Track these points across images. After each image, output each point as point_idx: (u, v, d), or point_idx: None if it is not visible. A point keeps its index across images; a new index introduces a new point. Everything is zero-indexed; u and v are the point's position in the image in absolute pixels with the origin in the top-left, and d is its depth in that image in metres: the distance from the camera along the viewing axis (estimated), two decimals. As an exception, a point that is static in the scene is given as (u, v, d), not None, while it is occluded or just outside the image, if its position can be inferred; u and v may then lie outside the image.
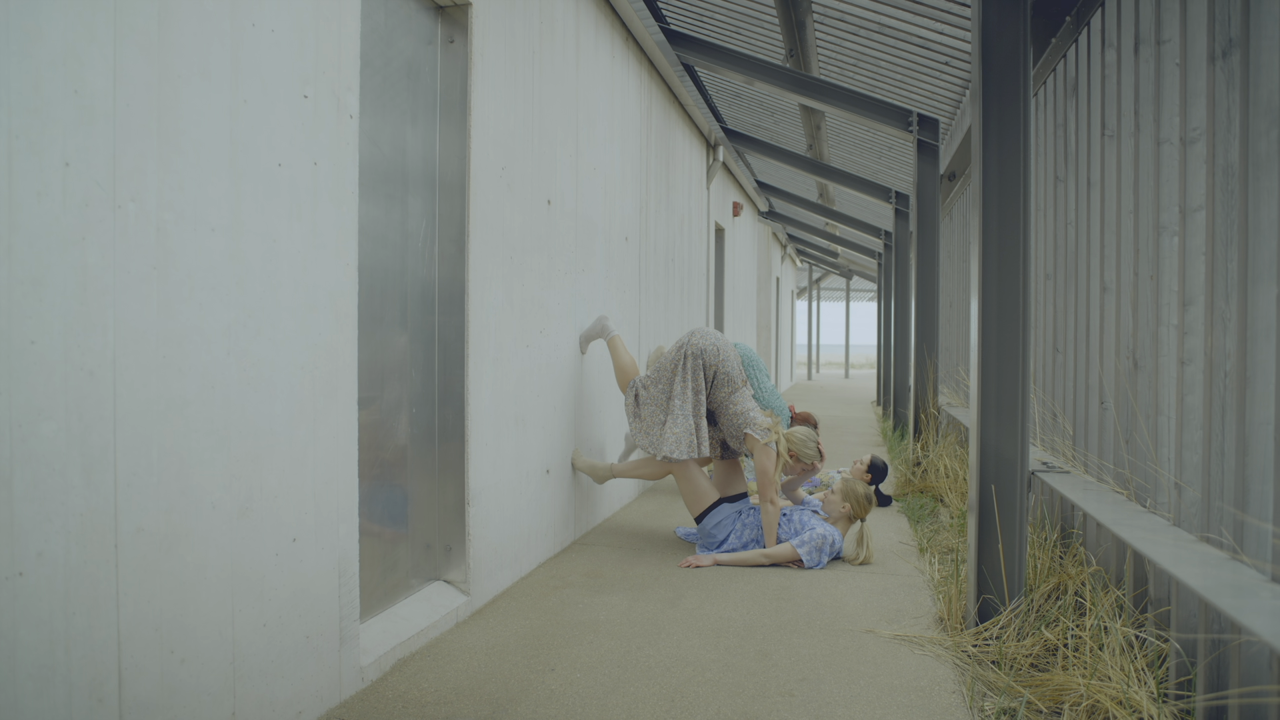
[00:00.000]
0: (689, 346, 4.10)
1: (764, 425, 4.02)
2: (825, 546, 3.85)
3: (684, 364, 4.08)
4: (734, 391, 4.12)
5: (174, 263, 1.78)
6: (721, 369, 4.10)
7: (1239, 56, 1.74)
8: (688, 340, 4.13)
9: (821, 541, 3.84)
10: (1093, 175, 2.77)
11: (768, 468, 3.94)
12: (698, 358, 4.08)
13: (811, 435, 4.24)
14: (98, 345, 1.61)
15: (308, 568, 2.22)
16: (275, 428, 2.09)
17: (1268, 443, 1.64)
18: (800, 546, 3.82)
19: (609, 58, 4.84)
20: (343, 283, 2.35)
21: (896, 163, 8.09)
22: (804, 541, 3.83)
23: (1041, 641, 2.64)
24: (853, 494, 4.01)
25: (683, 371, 4.08)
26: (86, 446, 1.59)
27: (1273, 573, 1.57)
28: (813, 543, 3.83)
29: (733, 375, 4.12)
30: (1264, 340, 1.66)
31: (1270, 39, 1.64)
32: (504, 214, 3.41)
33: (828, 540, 3.86)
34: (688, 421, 4.02)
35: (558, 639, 2.92)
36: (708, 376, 4.10)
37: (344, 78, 2.34)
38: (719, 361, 4.10)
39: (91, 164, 1.59)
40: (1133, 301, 2.38)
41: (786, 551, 3.84)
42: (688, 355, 4.09)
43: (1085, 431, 2.85)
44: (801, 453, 4.16)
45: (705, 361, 4.10)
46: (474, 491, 3.19)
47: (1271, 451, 1.60)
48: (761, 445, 3.98)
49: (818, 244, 16.02)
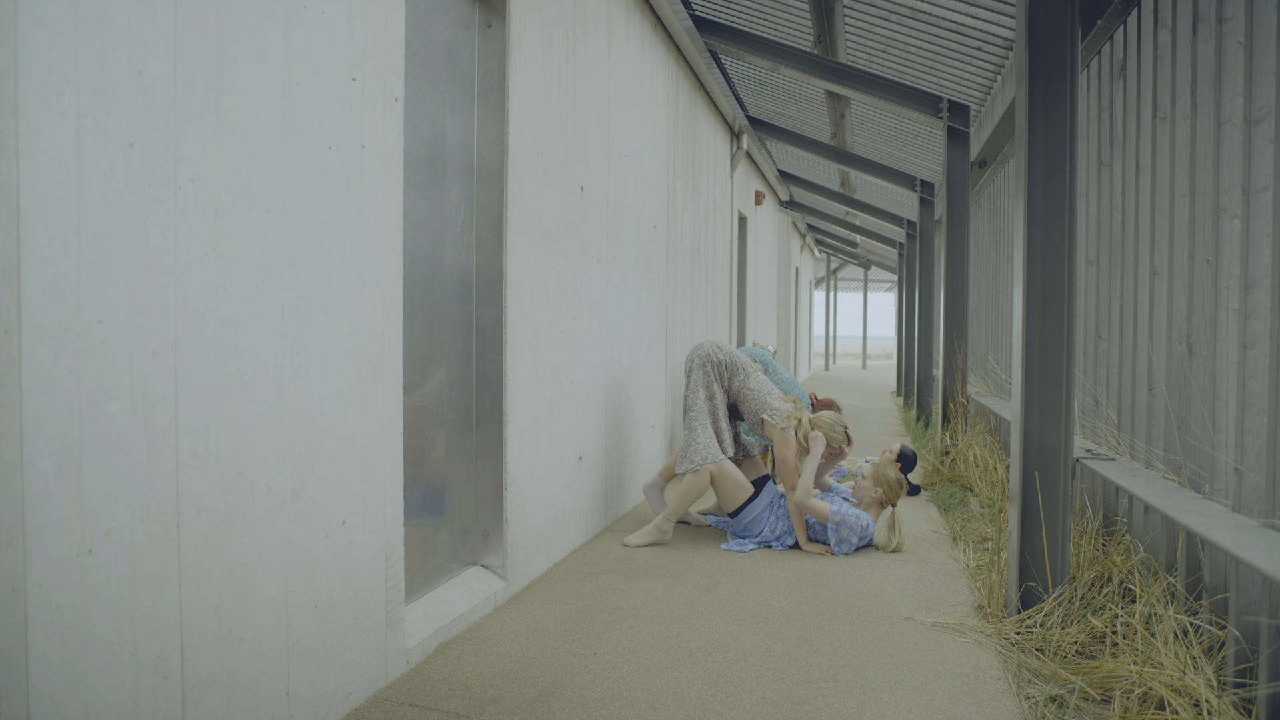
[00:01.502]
0: (694, 358, 4.17)
1: (783, 411, 4.01)
2: (857, 526, 3.83)
3: (692, 374, 4.11)
4: (748, 376, 4.16)
5: (230, 244, 1.78)
6: (727, 360, 4.16)
7: (1312, 31, 1.70)
8: (691, 355, 4.20)
9: (855, 520, 3.82)
10: (1142, 159, 2.73)
11: (787, 456, 3.93)
12: (704, 363, 4.13)
13: (838, 419, 4.24)
14: (160, 326, 1.61)
15: (356, 550, 2.23)
16: (326, 410, 2.09)
17: (1340, 426, 1.61)
18: (835, 513, 3.80)
19: (638, 44, 4.82)
20: (389, 267, 2.35)
21: (922, 151, 8.01)
22: (839, 510, 3.82)
23: (1087, 629, 2.61)
24: (884, 479, 3.99)
25: (691, 382, 4.10)
26: (150, 426, 1.60)
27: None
28: (847, 513, 3.81)
29: (740, 362, 4.18)
30: (1337, 322, 1.63)
31: (1347, 13, 1.60)
32: (540, 200, 3.40)
33: (861, 521, 3.84)
34: (707, 428, 4.03)
35: (597, 624, 2.93)
36: (720, 376, 4.12)
37: (390, 61, 2.34)
38: (723, 355, 4.17)
39: (154, 145, 1.59)
40: (1187, 286, 2.34)
41: (820, 508, 3.84)
42: (694, 366, 4.12)
43: (1131, 418, 2.82)
44: (830, 436, 4.16)
45: (711, 361, 4.12)
46: (511, 477, 3.20)
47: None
48: (780, 432, 3.96)
49: (837, 234, 15.92)
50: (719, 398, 4.12)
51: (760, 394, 4.09)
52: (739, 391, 4.13)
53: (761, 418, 4.04)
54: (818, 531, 3.95)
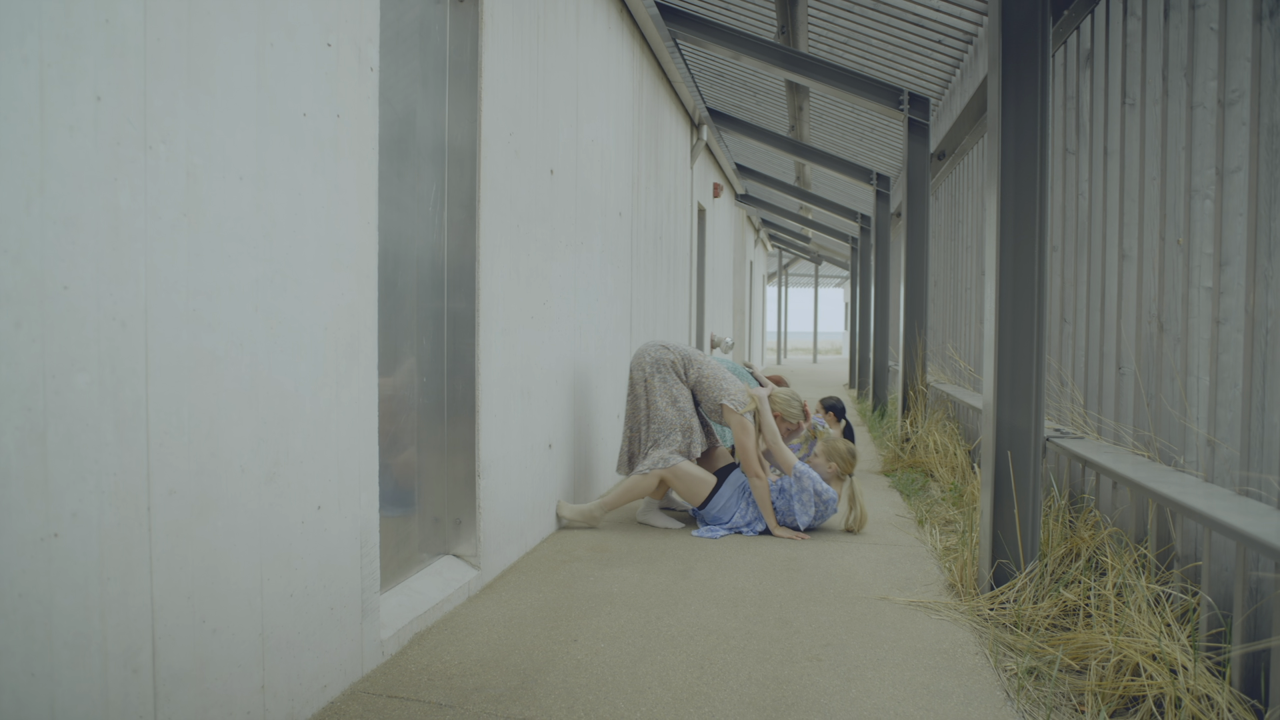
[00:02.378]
0: (645, 366, 4.12)
1: (741, 397, 4.02)
2: (822, 488, 3.89)
3: (649, 382, 4.08)
4: (702, 365, 4.16)
5: (203, 210, 1.68)
6: (679, 357, 4.15)
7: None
8: (640, 363, 4.15)
9: (818, 479, 3.89)
10: (1110, 145, 2.80)
11: (747, 444, 3.94)
12: (658, 367, 4.11)
13: (794, 395, 4.30)
14: (130, 294, 1.51)
15: (331, 537, 2.14)
16: (300, 390, 2.00)
17: (1316, 396, 1.67)
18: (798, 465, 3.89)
19: (605, 29, 4.76)
20: (364, 242, 2.26)
21: (878, 144, 8.14)
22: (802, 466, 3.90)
23: (1059, 603, 2.68)
24: (836, 452, 4.07)
25: (650, 390, 4.08)
26: (119, 401, 1.49)
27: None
28: (810, 469, 3.90)
29: (690, 354, 4.19)
30: (1313, 295, 1.69)
31: (1323, -5, 1.66)
32: (511, 182, 3.33)
33: (824, 493, 3.88)
34: (672, 436, 4.00)
35: (574, 611, 2.88)
36: (679, 374, 4.11)
37: (365, 29, 2.24)
38: (673, 354, 4.15)
39: (123, 100, 1.48)
40: (1158, 267, 2.41)
41: (788, 458, 3.92)
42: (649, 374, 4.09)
43: (1099, 397, 2.89)
44: (786, 413, 4.22)
45: (664, 363, 4.11)
46: (484, 464, 3.12)
47: (1322, 404, 1.63)
48: (739, 418, 3.97)
49: (790, 229, 16.10)
50: (682, 398, 4.09)
51: (716, 380, 4.10)
52: (696, 382, 4.12)
53: (720, 403, 4.04)
54: (784, 514, 3.97)
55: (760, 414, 4.05)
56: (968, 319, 5.22)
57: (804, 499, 3.89)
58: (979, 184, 4.91)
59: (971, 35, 4.96)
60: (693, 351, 4.23)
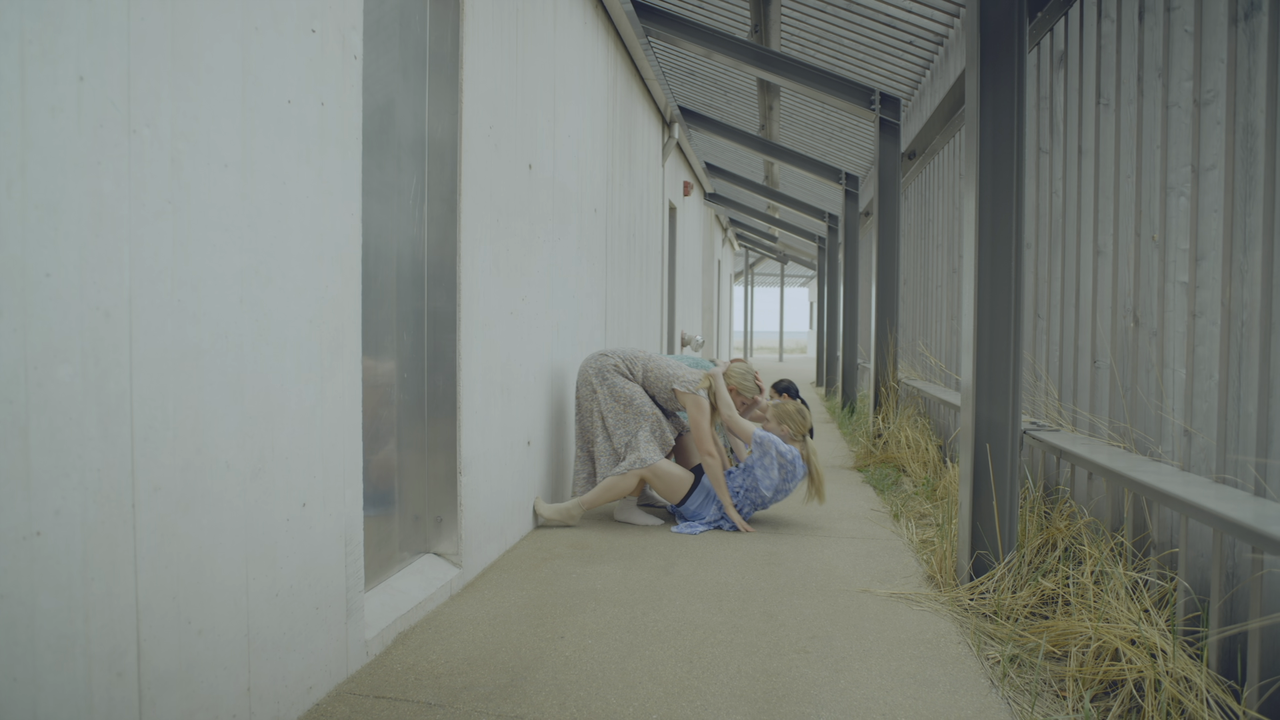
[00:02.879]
0: (590, 381, 4.10)
1: (691, 378, 4.05)
2: (785, 449, 3.93)
3: (597, 393, 4.07)
4: (648, 360, 4.18)
5: (188, 198, 1.63)
6: (623, 360, 4.15)
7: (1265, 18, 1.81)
8: (586, 379, 4.13)
9: (779, 443, 3.93)
10: (1085, 144, 2.86)
11: (700, 421, 3.96)
12: (603, 376, 4.08)
13: (749, 369, 4.33)
14: (114, 283, 1.45)
15: (317, 534, 2.09)
16: (286, 384, 1.95)
17: (1292, 385, 1.72)
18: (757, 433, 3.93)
19: (581, 23, 4.74)
20: (349, 234, 2.21)
21: (848, 144, 8.23)
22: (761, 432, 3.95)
23: (1038, 592, 2.73)
24: (786, 414, 4.13)
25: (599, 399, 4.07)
26: (103, 394, 1.44)
27: (1300, 507, 1.66)
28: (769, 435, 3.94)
29: (633, 354, 4.20)
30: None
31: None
32: (491, 176, 3.29)
33: (787, 454, 3.93)
34: (640, 435, 4.00)
35: (559, 608, 2.86)
36: (629, 374, 4.11)
37: (349, 16, 2.19)
38: (616, 358, 4.15)
39: (106, 81, 1.43)
40: (1133, 262, 2.47)
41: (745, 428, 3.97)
42: (595, 386, 4.08)
43: (1074, 390, 2.96)
44: (742, 386, 4.25)
45: (609, 370, 4.10)
46: (465, 460, 3.08)
47: (1298, 393, 1.69)
48: (692, 397, 3.99)
49: (757, 228, 16.22)
50: (638, 396, 4.07)
51: (663, 369, 4.11)
52: (644, 377, 4.13)
53: (671, 389, 4.06)
54: (749, 491, 3.99)
55: (715, 390, 4.09)
56: (939, 316, 5.31)
57: (766, 462, 3.92)
58: (950, 183, 5.00)
59: (942, 37, 5.05)
60: (632, 350, 4.24)
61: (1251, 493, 1.86)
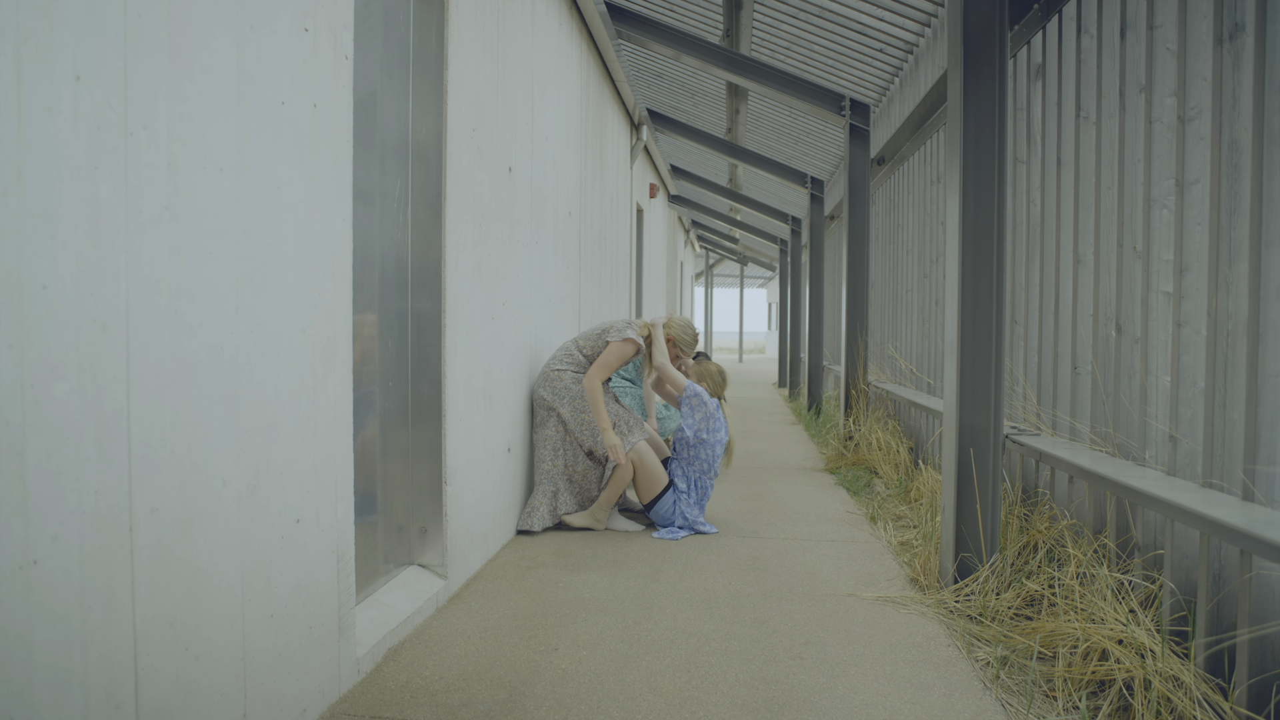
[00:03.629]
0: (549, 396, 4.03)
1: (625, 330, 4.06)
2: (710, 403, 3.99)
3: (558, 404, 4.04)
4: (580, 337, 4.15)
5: (185, 204, 1.55)
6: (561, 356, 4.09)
7: (1250, 39, 1.87)
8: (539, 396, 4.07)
9: (706, 398, 4.00)
10: (1064, 155, 2.93)
11: (610, 359, 3.94)
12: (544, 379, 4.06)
13: (689, 322, 4.36)
14: (111, 294, 1.38)
15: (310, 551, 2.02)
16: (280, 397, 1.88)
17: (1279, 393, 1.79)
18: (689, 386, 4.01)
19: (556, 25, 4.69)
20: (341, 239, 2.14)
21: (813, 148, 8.33)
22: (693, 386, 4.02)
23: (1022, 593, 2.79)
24: (708, 373, 4.23)
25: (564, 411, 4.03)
26: (100, 412, 1.36)
27: (1290, 512, 1.73)
28: (700, 389, 4.01)
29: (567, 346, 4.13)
30: (1275, 300, 1.81)
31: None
32: (474, 180, 3.23)
33: (711, 408, 3.99)
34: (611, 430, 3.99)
35: (549, 619, 2.82)
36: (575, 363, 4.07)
37: (340, 14, 2.13)
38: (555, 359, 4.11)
39: (103, 80, 1.35)
40: (1115, 272, 2.54)
41: (678, 379, 4.02)
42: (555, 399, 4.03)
43: (1054, 395, 3.03)
44: (680, 337, 4.24)
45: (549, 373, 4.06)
46: (451, 469, 3.02)
47: (1287, 401, 1.75)
48: (617, 344, 3.98)
49: (719, 229, 16.32)
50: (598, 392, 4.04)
51: (598, 333, 4.11)
52: (589, 352, 4.10)
53: (606, 341, 4.04)
54: (676, 438, 4.09)
55: (653, 338, 4.13)
56: (909, 320, 5.40)
57: (694, 404, 3.99)
58: (920, 189, 5.09)
59: (912, 45, 5.13)
60: (564, 345, 4.19)
61: (1240, 498, 1.92)
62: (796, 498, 4.91)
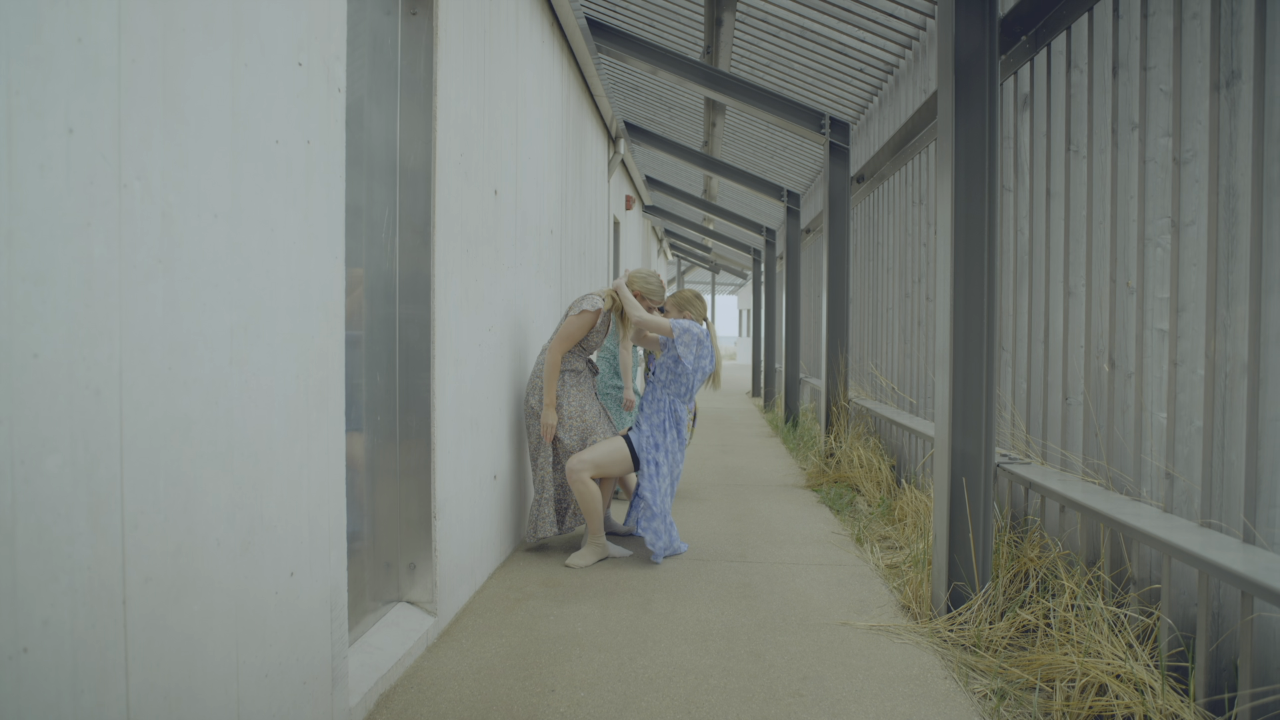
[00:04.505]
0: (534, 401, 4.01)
1: (592, 299, 3.98)
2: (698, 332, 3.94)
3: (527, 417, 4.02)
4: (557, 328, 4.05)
5: (179, 254, 1.48)
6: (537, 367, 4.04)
7: (1248, 86, 1.90)
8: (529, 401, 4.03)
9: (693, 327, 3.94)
10: (1053, 187, 2.96)
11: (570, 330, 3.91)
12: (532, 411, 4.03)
13: (652, 272, 4.26)
14: (104, 356, 1.30)
15: (303, 603, 1.95)
16: (274, 447, 1.80)
17: (1280, 438, 1.81)
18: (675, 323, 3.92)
19: (540, 43, 4.64)
20: (334, 279, 2.07)
21: (790, 162, 8.37)
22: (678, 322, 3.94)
23: (1016, 623, 2.81)
24: (685, 301, 4.14)
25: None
26: (93, 483, 1.28)
27: (1293, 556, 1.75)
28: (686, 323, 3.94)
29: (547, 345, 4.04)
30: (1276, 345, 1.84)
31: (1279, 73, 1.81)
32: (462, 204, 3.17)
33: (694, 333, 3.93)
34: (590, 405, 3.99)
35: (543, 656, 2.76)
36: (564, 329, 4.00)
37: (333, 46, 2.06)
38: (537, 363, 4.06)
39: (96, 132, 1.28)
40: (1108, 306, 2.56)
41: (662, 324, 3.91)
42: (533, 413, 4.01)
43: (1044, 425, 3.06)
44: (646, 290, 4.15)
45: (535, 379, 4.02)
46: (440, 503, 2.95)
47: (1289, 446, 1.78)
48: (575, 315, 3.93)
49: (691, 238, 16.35)
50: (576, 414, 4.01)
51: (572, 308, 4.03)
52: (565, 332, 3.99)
53: (582, 309, 3.94)
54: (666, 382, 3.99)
55: (621, 299, 4.04)
56: (889, 338, 5.44)
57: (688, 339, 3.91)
58: (901, 209, 5.13)
59: (892, 66, 5.17)
60: (543, 346, 4.14)
61: (1240, 539, 1.94)
62: (780, 517, 4.90)
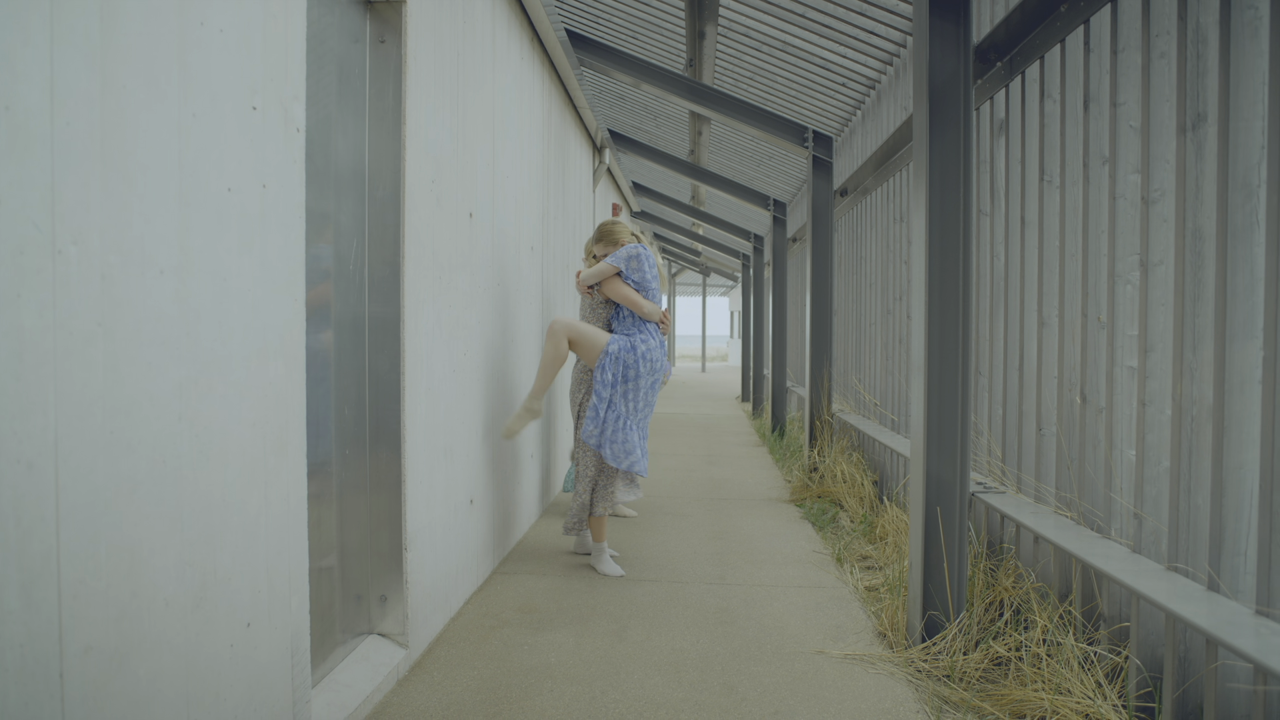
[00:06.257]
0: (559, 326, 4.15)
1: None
2: (633, 252, 4.07)
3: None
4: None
5: (121, 316, 1.45)
6: None
7: (1213, 129, 1.89)
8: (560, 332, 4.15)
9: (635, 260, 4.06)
10: (1028, 215, 2.96)
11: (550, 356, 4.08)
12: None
13: (598, 230, 4.37)
14: (37, 429, 1.27)
15: (261, 654, 1.92)
16: (228, 499, 1.78)
17: (1244, 485, 1.80)
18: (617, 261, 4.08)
19: (518, 59, 4.61)
20: (293, 323, 2.04)
21: (775, 171, 8.36)
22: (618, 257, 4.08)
23: (990, 654, 2.80)
24: (605, 235, 4.27)
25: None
26: (25, 559, 1.26)
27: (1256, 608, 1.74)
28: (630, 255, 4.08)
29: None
30: (1239, 392, 1.83)
31: (1245, 119, 1.80)
32: (434, 232, 3.14)
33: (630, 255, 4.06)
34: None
35: (514, 690, 2.74)
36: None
37: (291, 86, 2.03)
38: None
39: (27, 200, 1.25)
40: (1079, 340, 2.56)
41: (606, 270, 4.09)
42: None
43: (1019, 453, 3.05)
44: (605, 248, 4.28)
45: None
46: (411, 535, 2.92)
47: (1252, 494, 1.77)
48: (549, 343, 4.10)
49: (681, 242, 16.34)
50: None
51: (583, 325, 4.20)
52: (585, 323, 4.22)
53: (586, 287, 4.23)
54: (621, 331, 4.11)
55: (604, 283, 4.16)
56: (872, 352, 5.43)
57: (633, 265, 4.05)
58: (884, 224, 5.12)
59: (874, 81, 5.16)
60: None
61: (1205, 585, 1.94)
62: (762, 534, 4.89)
